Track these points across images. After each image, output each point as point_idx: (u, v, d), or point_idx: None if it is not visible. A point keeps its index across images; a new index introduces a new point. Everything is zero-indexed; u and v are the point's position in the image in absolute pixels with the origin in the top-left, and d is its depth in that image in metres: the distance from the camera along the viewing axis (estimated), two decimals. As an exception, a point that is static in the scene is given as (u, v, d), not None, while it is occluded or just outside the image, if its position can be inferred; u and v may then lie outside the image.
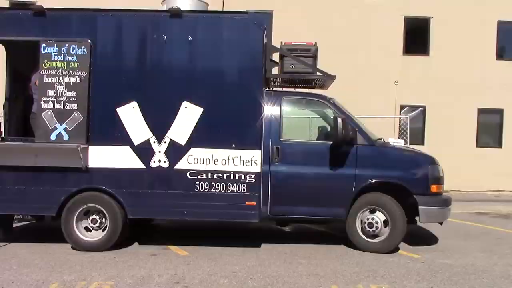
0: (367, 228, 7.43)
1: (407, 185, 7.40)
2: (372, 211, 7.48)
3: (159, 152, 7.19)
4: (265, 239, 8.18)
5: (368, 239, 7.47)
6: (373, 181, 7.41)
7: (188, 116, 7.18)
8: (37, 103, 7.30)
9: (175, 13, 7.22)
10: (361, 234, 7.49)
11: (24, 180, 7.21)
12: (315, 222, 8.53)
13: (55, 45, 7.13)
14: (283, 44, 8.03)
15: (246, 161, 7.16)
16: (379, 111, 15.58)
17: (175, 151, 7.18)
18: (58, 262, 6.61)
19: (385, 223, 7.43)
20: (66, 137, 7.09)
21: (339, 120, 7.25)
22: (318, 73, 7.92)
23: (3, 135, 7.42)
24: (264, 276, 6.12)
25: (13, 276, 5.94)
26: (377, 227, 7.41)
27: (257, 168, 7.18)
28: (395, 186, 7.44)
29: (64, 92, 7.11)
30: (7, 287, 5.54)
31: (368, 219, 7.44)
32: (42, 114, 7.11)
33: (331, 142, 7.48)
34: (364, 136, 7.56)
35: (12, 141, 7.37)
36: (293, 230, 9.23)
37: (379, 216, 7.44)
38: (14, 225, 8.62)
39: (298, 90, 8.72)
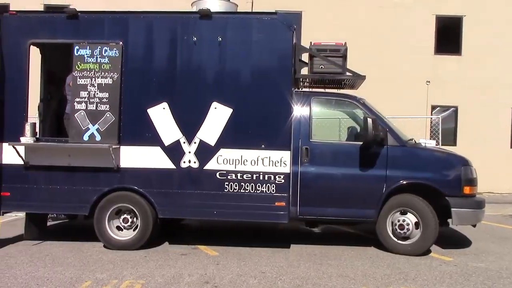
0: (398, 230, 7.33)
1: (439, 187, 7.27)
2: (403, 213, 7.37)
3: (189, 152, 7.24)
4: (294, 240, 8.15)
5: (399, 241, 7.37)
6: (404, 182, 7.31)
7: (217, 117, 7.21)
8: (70, 104, 7.44)
9: (205, 14, 7.26)
10: (391, 236, 7.40)
11: (57, 180, 7.36)
12: (345, 223, 8.46)
13: (88, 47, 7.26)
14: (312, 44, 7.98)
15: (276, 161, 7.15)
16: (410, 111, 15.36)
17: (205, 152, 7.22)
18: (91, 261, 6.73)
19: (417, 225, 7.31)
20: (98, 138, 7.21)
21: (370, 120, 7.17)
22: (348, 73, 7.85)
23: (37, 136, 7.56)
24: (294, 277, 6.10)
25: (47, 274, 6.07)
26: (408, 229, 7.31)
27: (287, 169, 7.16)
28: (426, 187, 7.31)
29: (97, 93, 7.23)
30: (42, 284, 5.67)
31: (399, 221, 7.34)
32: (75, 115, 7.25)
33: (361, 142, 7.40)
34: (394, 136, 7.46)
35: (47, 141, 7.52)
36: (322, 231, 9.17)
37: (410, 218, 7.33)
38: (48, 224, 8.79)
39: (327, 90, 8.66)
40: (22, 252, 7.15)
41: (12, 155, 7.34)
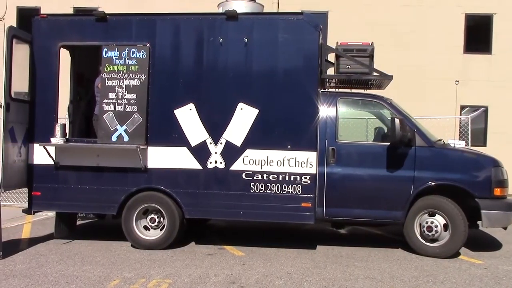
0: (426, 232, 7.23)
1: (469, 188, 7.14)
2: (432, 215, 7.27)
3: (215, 153, 7.28)
4: (320, 241, 8.12)
5: (427, 243, 7.27)
6: (433, 183, 7.20)
7: (243, 118, 7.24)
8: (99, 105, 7.57)
9: (231, 16, 7.29)
10: (419, 238, 7.30)
11: (86, 180, 7.49)
12: (372, 225, 8.39)
13: (116, 49, 7.37)
14: (338, 44, 7.94)
15: (302, 162, 7.13)
16: (439, 111, 15.12)
17: (231, 152, 7.25)
18: (119, 260, 6.82)
19: (445, 227, 7.20)
20: (126, 138, 7.31)
21: (397, 121, 7.09)
22: (374, 73, 7.78)
23: (67, 136, 7.70)
24: (320, 279, 6.08)
25: (76, 272, 6.18)
26: (436, 231, 7.20)
27: (313, 170, 7.14)
28: (455, 189, 7.20)
29: (125, 95, 7.33)
30: (71, 283, 5.77)
31: (427, 223, 7.24)
32: (103, 116, 7.36)
33: (388, 143, 7.32)
34: (422, 137, 7.37)
35: (76, 142, 7.66)
36: (349, 232, 9.11)
37: (439, 220, 7.22)
38: (78, 223, 8.95)
39: (354, 90, 8.60)
40: (52, 250, 7.30)
41: (42, 155, 7.50)
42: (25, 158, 7.59)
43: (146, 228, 7.54)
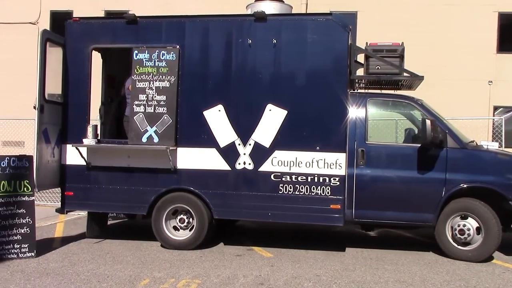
0: (458, 235, 7.09)
1: (502, 191, 6.98)
2: (464, 217, 7.12)
3: (244, 154, 7.29)
4: (349, 243, 8.05)
5: (459, 247, 7.13)
6: (465, 185, 7.07)
7: (272, 119, 7.23)
8: (129, 106, 7.66)
9: (260, 17, 7.29)
10: (451, 241, 7.16)
11: (117, 180, 7.59)
12: (402, 227, 8.28)
13: (146, 51, 7.45)
14: (368, 44, 7.85)
15: (331, 163, 7.08)
16: (471, 112, 14.80)
17: (260, 154, 7.25)
18: (149, 259, 6.89)
19: (478, 230, 7.05)
20: (156, 139, 7.38)
21: (428, 122, 6.97)
22: (405, 74, 7.67)
23: (99, 137, 7.82)
24: (349, 281, 6.02)
25: (108, 271, 6.27)
26: (469, 234, 7.05)
27: (342, 171, 7.08)
28: (489, 191, 7.04)
29: (155, 96, 7.41)
30: (103, 281, 5.86)
31: (459, 226, 7.09)
32: (134, 117, 7.45)
33: (419, 145, 7.22)
34: (454, 138, 7.23)
35: (107, 143, 7.77)
36: (379, 234, 9.00)
37: (471, 223, 7.08)
38: (109, 222, 9.08)
39: (384, 91, 8.49)
40: (84, 249, 7.42)
41: (75, 156, 7.63)
42: (58, 159, 7.74)
43: (175, 228, 7.59)
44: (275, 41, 7.23)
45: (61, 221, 9.76)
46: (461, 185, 7.07)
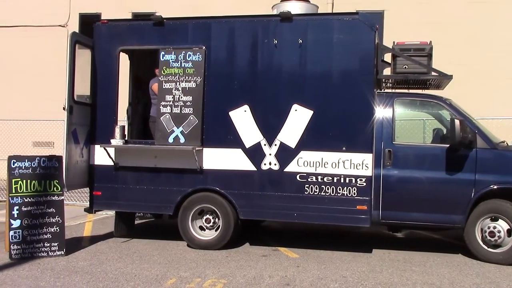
0: (488, 237, 6.95)
1: (535, 192, 6.82)
2: (494, 219, 6.98)
3: (270, 154, 7.29)
4: (376, 244, 7.97)
5: (489, 249, 6.99)
6: (495, 187, 6.93)
7: (298, 119, 7.21)
8: (155, 107, 7.74)
9: (286, 17, 7.28)
10: (481, 243, 7.03)
11: (144, 180, 7.68)
12: (430, 229, 8.14)
13: (173, 52, 7.52)
14: (395, 44, 7.78)
15: (357, 164, 7.03)
16: (502, 112, 14.49)
17: (285, 154, 7.24)
18: (175, 259, 6.96)
19: (509, 232, 6.90)
20: (182, 140, 7.44)
21: (457, 122, 6.86)
22: (433, 73, 7.57)
23: (126, 138, 7.92)
24: (376, 283, 5.97)
25: (135, 270, 6.35)
26: (499, 237, 6.91)
27: (368, 172, 7.03)
28: (520, 192, 6.90)
29: (181, 97, 7.47)
30: (130, 280, 5.93)
31: (489, 228, 6.96)
32: (161, 118, 7.52)
33: (448, 145, 7.11)
34: (484, 139, 7.10)
35: (134, 143, 7.88)
36: (406, 236, 8.90)
37: (502, 225, 6.93)
38: (136, 222, 9.19)
39: (411, 91, 8.39)
40: (112, 248, 7.53)
41: (103, 156, 7.75)
42: (86, 159, 7.88)
43: (201, 228, 7.64)
44: (301, 41, 7.22)
45: (89, 221, 9.92)
46: (491, 186, 6.93)
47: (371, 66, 7.13)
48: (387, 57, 8.06)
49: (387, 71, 8.03)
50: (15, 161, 6.95)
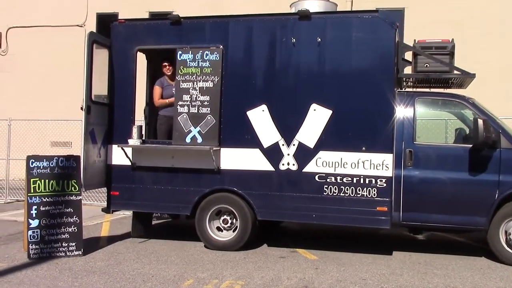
0: (513, 240, 6.86)
1: (562, 194, 6.70)
2: (519, 221, 6.88)
3: (288, 154, 7.28)
4: (397, 246, 7.90)
5: (514, 252, 6.89)
6: (520, 188, 6.82)
7: (317, 119, 7.18)
8: (174, 107, 7.75)
9: (304, 15, 7.26)
10: (505, 246, 6.93)
11: (162, 180, 7.72)
12: (452, 231, 8.07)
13: (190, 51, 7.55)
14: (416, 42, 7.70)
15: (377, 164, 6.98)
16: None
17: (304, 154, 7.22)
18: (192, 260, 6.98)
19: (534, 235, 6.80)
20: (199, 140, 7.46)
21: (480, 121, 6.77)
22: (455, 72, 7.48)
23: (143, 138, 7.97)
24: (396, 286, 5.91)
25: (152, 271, 6.38)
26: (524, 239, 6.81)
27: (389, 172, 6.97)
28: (546, 194, 6.78)
29: (198, 97, 7.49)
30: (147, 281, 5.97)
31: (514, 230, 6.86)
32: (178, 118, 7.55)
33: (471, 145, 7.02)
34: (508, 138, 6.99)
35: (152, 143, 7.92)
36: (427, 238, 8.80)
37: (527, 227, 6.83)
38: (153, 222, 9.24)
39: (433, 90, 8.31)
40: (129, 249, 7.58)
41: (120, 156, 7.81)
42: (104, 159, 7.94)
43: (219, 229, 7.66)
44: (319, 39, 7.19)
45: (107, 221, 10.01)
46: (516, 187, 6.83)
47: (391, 64, 7.07)
48: (408, 56, 7.98)
49: (407, 70, 7.96)
50: (33, 160, 7.05)
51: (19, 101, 17.36)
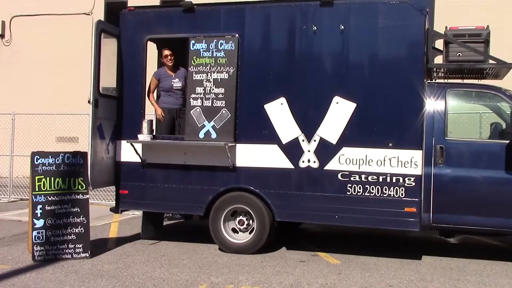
0: (554, 244, 6.76)
1: None
2: (560, 224, 6.78)
3: (309, 151, 7.25)
4: (426, 250, 7.84)
5: (555, 257, 6.79)
6: (562, 188, 6.72)
7: (339, 112, 7.14)
8: (187, 100, 7.76)
9: (326, 1, 7.21)
10: (545, 250, 6.84)
11: (173, 179, 7.75)
12: (487, 234, 7.98)
13: (204, 41, 7.55)
14: (448, 29, 7.61)
15: (405, 162, 6.92)
16: None
17: (326, 151, 7.18)
18: (206, 263, 7.00)
19: None
20: (214, 135, 7.47)
21: (518, 115, 6.68)
22: (491, 61, 7.37)
23: (154, 133, 8.00)
24: (426, 293, 5.88)
25: (163, 275, 6.41)
26: None
27: (418, 170, 6.90)
28: None
29: (212, 89, 7.49)
30: (158, 285, 6.00)
31: (555, 234, 6.76)
32: (191, 112, 7.57)
33: (508, 141, 6.93)
34: (549, 134, 6.89)
35: (163, 139, 7.95)
36: (460, 242, 8.72)
37: None
38: (164, 223, 9.28)
39: (466, 81, 8.21)
40: (139, 251, 7.63)
41: (130, 152, 7.85)
42: (112, 155, 8.00)
43: (234, 230, 7.66)
44: (342, 27, 7.13)
45: (115, 221, 10.09)
46: (558, 187, 6.73)
47: (421, 54, 7.00)
48: (439, 44, 7.89)
49: (438, 60, 7.87)
50: (38, 157, 7.12)
51: (23, 94, 17.55)
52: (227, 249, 7.60)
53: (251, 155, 7.46)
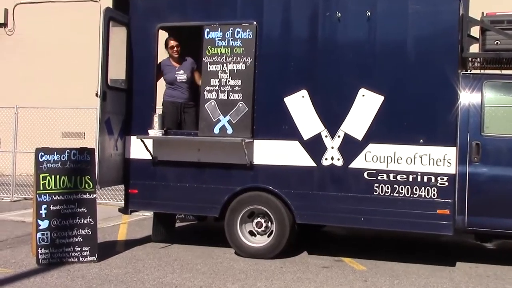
0: None
1: None
2: None
3: (332, 148, 7.24)
4: (460, 256, 7.80)
5: None
6: None
7: (366, 106, 7.12)
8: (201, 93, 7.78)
9: (351, -15, 7.20)
10: None
11: (186, 177, 7.79)
12: (527, 239, 7.90)
13: (219, 29, 7.57)
14: (484, 15, 7.55)
15: (437, 160, 6.88)
16: None
17: (351, 147, 7.17)
18: (221, 268, 7.03)
19: None
20: (229, 130, 7.49)
21: (562, 109, 6.60)
22: (532, 50, 7.30)
23: (165, 128, 8.03)
24: (460, 302, 5.85)
25: (175, 280, 6.46)
26: None
27: (451, 169, 6.86)
28: None
29: (228, 81, 7.51)
30: (170, 291, 6.07)
31: None
32: (205, 105, 7.59)
33: (552, 137, 6.86)
34: None
35: (175, 134, 7.98)
36: (498, 247, 8.65)
37: None
38: (177, 225, 9.35)
39: (504, 72, 8.13)
40: (150, 255, 7.69)
41: (140, 149, 7.89)
42: (121, 152, 8.04)
43: (251, 233, 7.69)
44: (369, 13, 7.10)
45: (124, 222, 10.18)
46: None
47: (454, 42, 6.96)
48: (475, 32, 7.82)
49: (474, 48, 7.80)
50: (43, 153, 7.19)
51: (27, 87, 17.70)
52: (243, 254, 7.62)
53: (270, 152, 7.46)
